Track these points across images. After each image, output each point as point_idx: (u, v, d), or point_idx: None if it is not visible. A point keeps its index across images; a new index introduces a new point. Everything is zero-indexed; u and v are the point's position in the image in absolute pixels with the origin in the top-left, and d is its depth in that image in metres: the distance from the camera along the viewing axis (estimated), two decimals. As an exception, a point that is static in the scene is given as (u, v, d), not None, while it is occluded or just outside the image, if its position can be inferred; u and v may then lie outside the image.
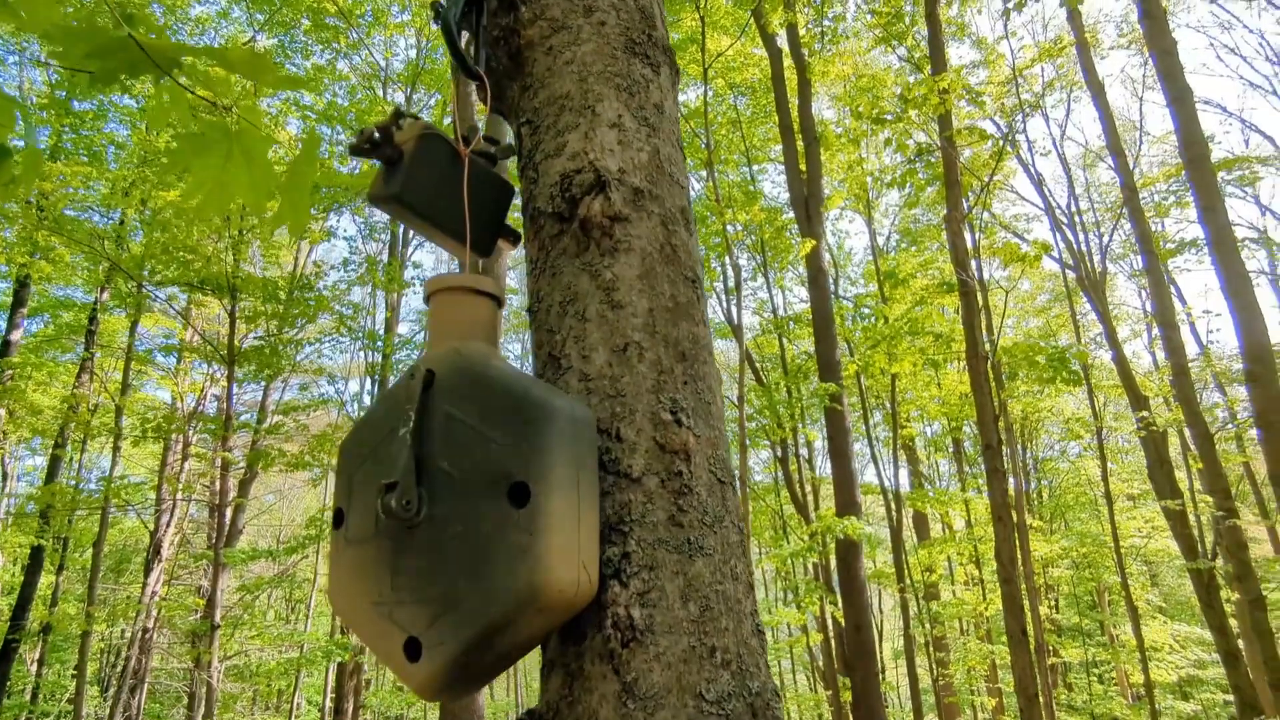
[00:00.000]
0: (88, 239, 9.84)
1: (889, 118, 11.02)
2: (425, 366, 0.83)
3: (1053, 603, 16.46)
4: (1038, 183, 13.85)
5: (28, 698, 11.47)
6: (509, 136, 0.99)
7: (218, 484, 10.90)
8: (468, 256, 0.90)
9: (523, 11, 0.91)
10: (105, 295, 11.18)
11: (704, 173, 15.94)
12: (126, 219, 10.80)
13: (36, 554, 10.21)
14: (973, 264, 9.66)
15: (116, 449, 10.61)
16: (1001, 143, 11.61)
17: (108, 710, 12.24)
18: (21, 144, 1.65)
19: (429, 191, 0.89)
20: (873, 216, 18.23)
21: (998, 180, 14.28)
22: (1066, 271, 13.94)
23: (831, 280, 19.09)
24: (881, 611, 21.10)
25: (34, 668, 11.70)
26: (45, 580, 11.00)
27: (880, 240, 19.68)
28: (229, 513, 10.81)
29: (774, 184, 25.24)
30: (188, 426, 12.21)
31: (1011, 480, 11.27)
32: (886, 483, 14.66)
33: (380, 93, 12.87)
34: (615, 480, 0.77)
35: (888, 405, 16.37)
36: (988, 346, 9.27)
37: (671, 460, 0.76)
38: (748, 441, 15.89)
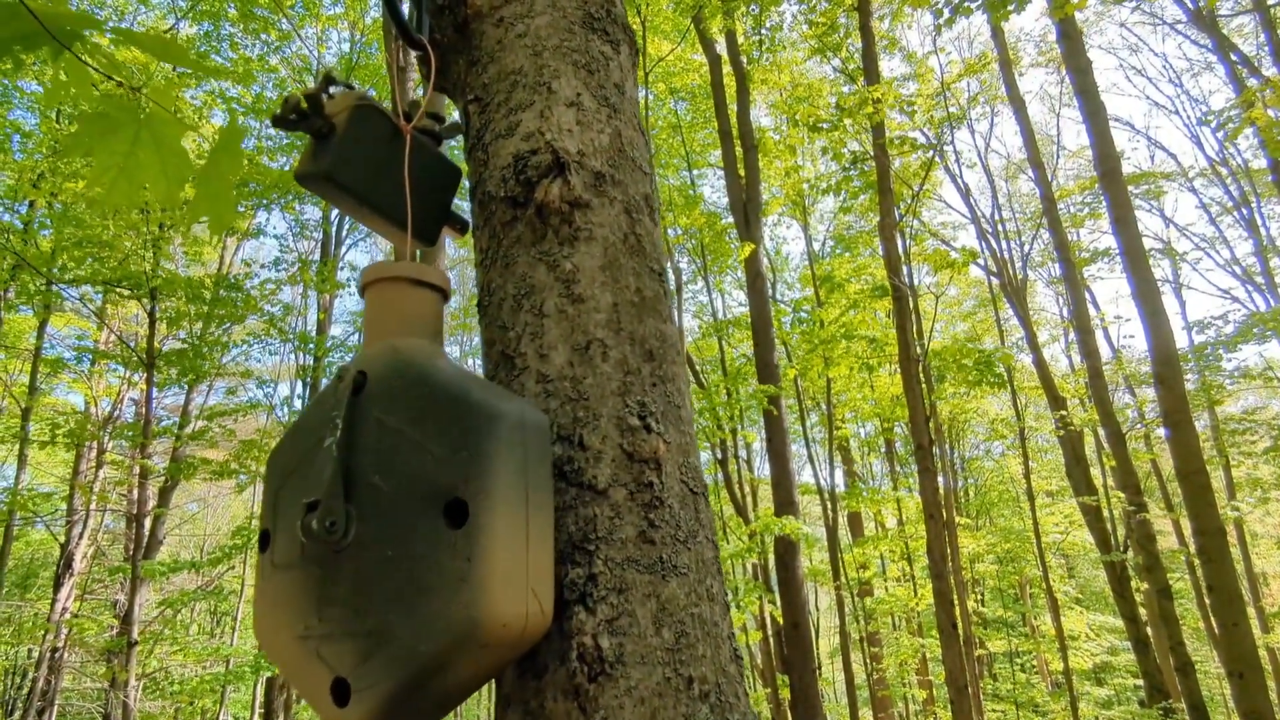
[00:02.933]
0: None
1: (825, 126, 11.26)
2: (357, 368, 0.73)
3: (979, 596, 17.05)
4: (964, 193, 14.35)
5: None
6: (454, 117, 0.90)
7: (136, 493, 10.32)
8: (409, 244, 0.80)
9: None
10: (10, 293, 10.46)
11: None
12: (33, 212, 10.14)
13: (-74, 572, 9.45)
14: (904, 270, 9.93)
15: (22, 455, 9.93)
16: (931, 153, 11.98)
17: (9, 737, 11.44)
18: None
19: (364, 170, 0.79)
20: (809, 223, 18.57)
21: (927, 189, 14.74)
22: (991, 278, 14.47)
23: (770, 285, 19.40)
24: (818, 609, 21.49)
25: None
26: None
27: (816, 245, 20.06)
28: (148, 523, 10.24)
29: (713, 189, 25.44)
30: (103, 432, 11.53)
31: (941, 479, 11.62)
32: (823, 483, 14.90)
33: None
34: (579, 493, 0.69)
35: (824, 407, 16.68)
36: (919, 350, 9.53)
37: (641, 470, 0.69)
38: (687, 444, 15.91)
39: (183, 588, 13.45)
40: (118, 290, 9.75)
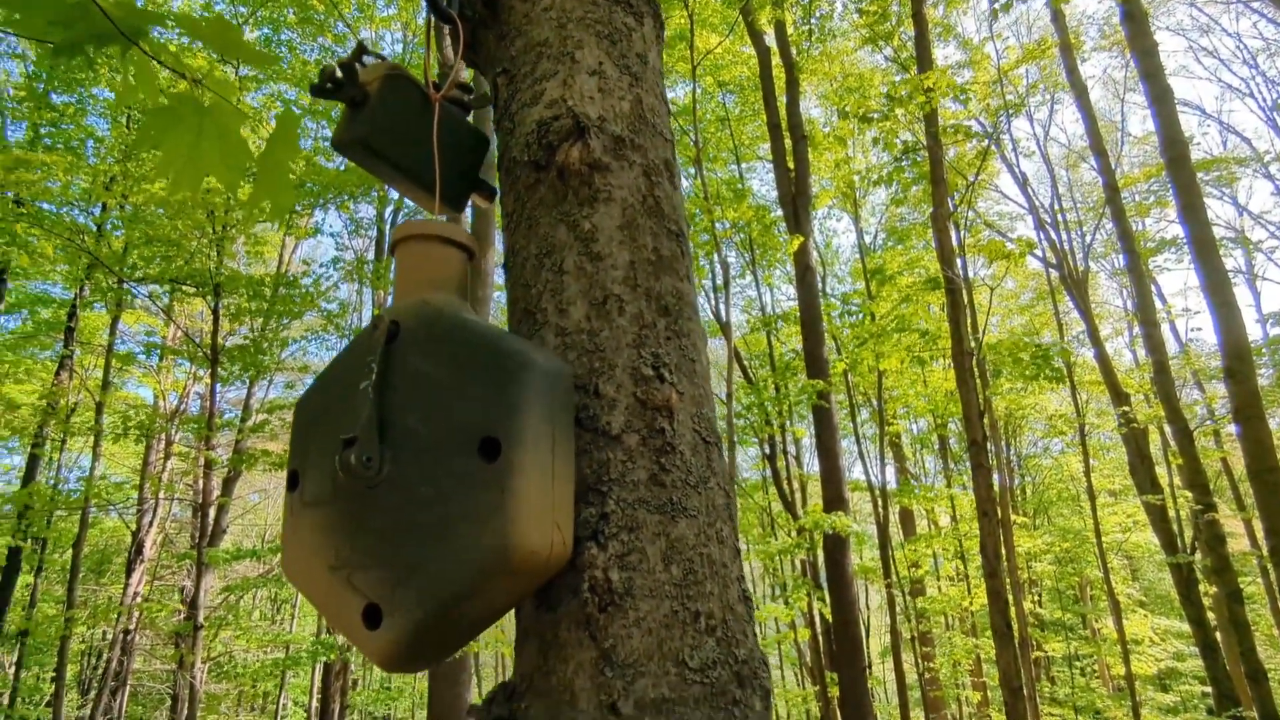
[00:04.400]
0: (67, 233, 9.68)
1: (876, 116, 11.07)
2: (390, 318, 0.77)
3: (1036, 597, 16.58)
4: (1022, 183, 13.94)
5: (5, 701, 11.28)
6: (484, 89, 0.94)
7: (201, 483, 10.75)
8: (437, 207, 0.85)
9: None
10: (85, 291, 10.99)
11: (693, 170, 15.95)
12: (106, 214, 10.64)
13: (14, 555, 10.01)
14: (958, 262, 9.71)
15: (97, 447, 10.44)
16: (987, 142, 11.69)
17: (88, 713, 12.05)
18: None
19: (397, 136, 0.83)
20: (860, 214, 18.30)
21: (983, 179, 14.37)
22: (1050, 270, 14.04)
23: (819, 278, 19.18)
24: (868, 607, 21.18)
25: (12, 670, 11.49)
26: (22, 581, 10.80)
27: (867, 238, 19.76)
28: (212, 512, 10.66)
29: (762, 182, 25.25)
30: (170, 425, 12.05)
31: (996, 476, 11.33)
32: (873, 479, 14.69)
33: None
34: (594, 438, 0.72)
35: (874, 402, 16.44)
36: (973, 343, 9.32)
37: (653, 417, 0.71)
38: (736, 439, 15.91)
39: (245, 575, 13.99)
40: (184, 288, 10.17)
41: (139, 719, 15.22)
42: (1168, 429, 11.28)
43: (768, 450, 15.54)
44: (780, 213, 12.89)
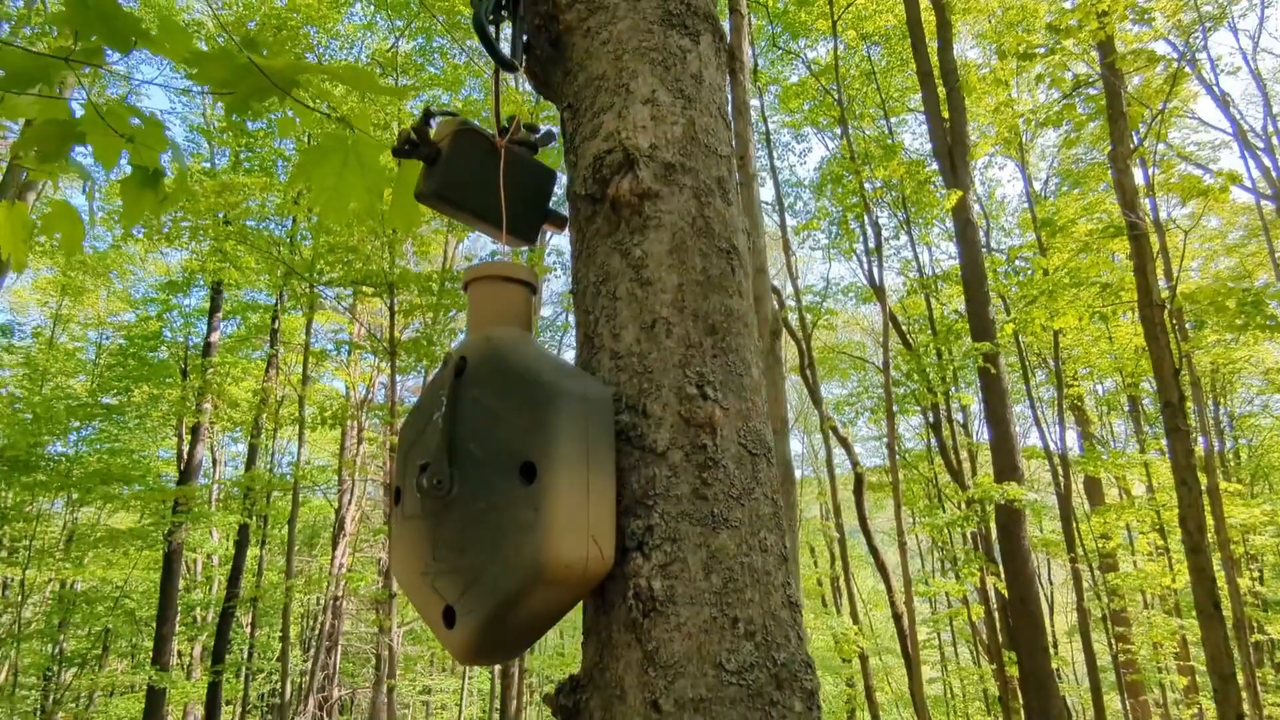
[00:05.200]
0: (266, 246, 10.94)
1: (1041, 50, 10.09)
2: (459, 354, 0.87)
3: (1256, 574, 14.70)
4: (1224, 104, 12.21)
5: (244, 655, 13.13)
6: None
7: (389, 465, 11.88)
8: (504, 239, 0.93)
9: None
10: (284, 297, 12.40)
11: (838, 130, 15.33)
12: (296, 227, 11.89)
13: (243, 531, 11.60)
14: (1146, 203, 8.73)
15: (301, 435, 11.80)
16: (1178, 64, 10.34)
17: (309, 667, 13.75)
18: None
19: (466, 185, 0.92)
20: (1027, 160, 16.82)
21: (1174, 107, 12.71)
22: (1263, 202, 12.25)
23: (983, 232, 17.86)
24: (1050, 583, 19.72)
25: (248, 630, 13.38)
26: (252, 553, 12.49)
27: (1037, 185, 18.13)
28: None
29: (914, 135, 23.83)
30: (360, 413, 13.36)
31: (1201, 440, 10.13)
32: (1052, 446, 13.64)
33: (515, 84, 13.32)
34: (642, 455, 0.78)
35: (1051, 363, 15.21)
36: (1163, 294, 8.36)
37: (697, 434, 0.76)
38: (896, 408, 15.28)
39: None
40: (363, 288, 11.18)
41: (350, 674, 17.18)
42: None
43: (931, 419, 14.82)
44: (935, 166, 12.14)
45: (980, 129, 14.56)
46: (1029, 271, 13.56)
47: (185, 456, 12.09)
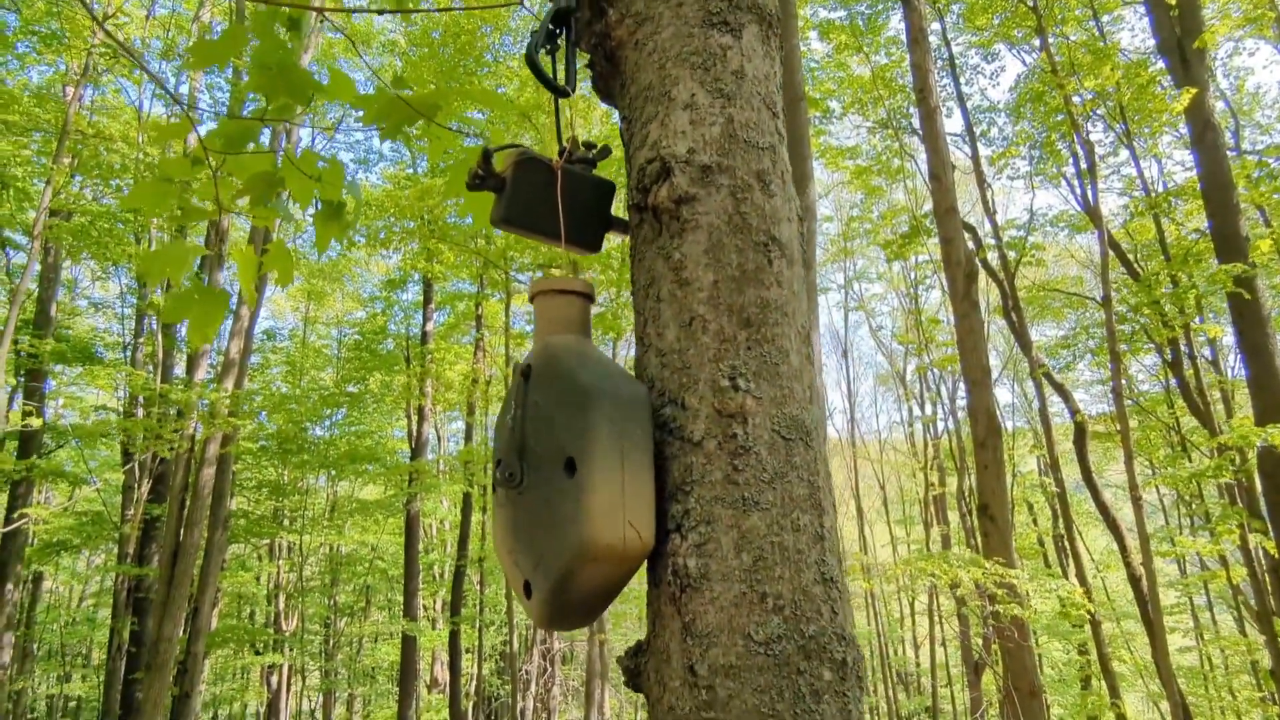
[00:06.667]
0: (464, 240, 11.94)
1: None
2: (526, 362, 0.98)
3: None
4: None
5: (477, 609, 14.70)
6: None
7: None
8: (564, 246, 1.04)
9: (610, 14, 0.97)
10: (485, 285, 13.50)
11: (1035, 42, 13.77)
12: (489, 219, 12.85)
13: (466, 499, 12.94)
14: None
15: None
16: None
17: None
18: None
19: (531, 209, 1.03)
20: (1287, 39, 14.15)
21: None
22: None
23: (1230, 133, 15.37)
24: (1342, 540, 16.81)
25: (479, 587, 14.96)
26: (476, 518, 13.92)
27: (1303, 68, 15.25)
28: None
29: (1134, 33, 20.90)
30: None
31: None
32: (1336, 380, 11.50)
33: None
34: (680, 445, 0.84)
35: (1330, 281, 12.92)
36: None
37: (728, 424, 0.81)
38: (1125, 347, 13.71)
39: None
40: (551, 270, 11.88)
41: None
42: None
43: (1169, 356, 13.13)
44: (1163, 64, 10.59)
45: (1221, 9, 12.49)
46: (1291, 174, 11.50)
47: (415, 435, 13.66)
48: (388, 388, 14.52)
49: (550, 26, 1.01)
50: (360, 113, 1.78)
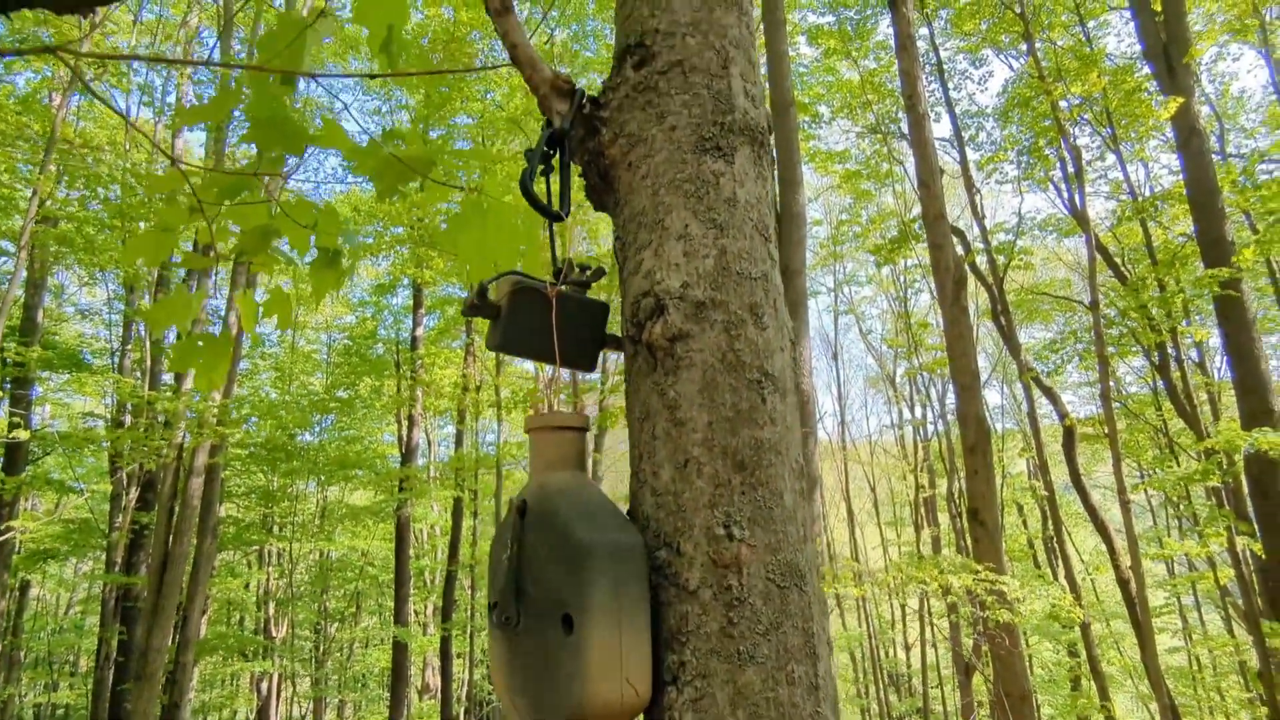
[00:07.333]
0: (450, 245, 11.90)
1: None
2: (521, 499, 0.98)
3: None
4: None
5: (468, 615, 14.69)
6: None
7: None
8: (557, 366, 1.03)
9: (604, 133, 0.97)
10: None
11: (1023, 47, 13.84)
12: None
13: (457, 505, 12.92)
14: None
15: (499, 417, 12.86)
16: None
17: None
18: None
19: (526, 334, 1.03)
20: (1273, 43, 14.28)
21: None
22: None
23: (1215, 137, 15.49)
24: (1327, 540, 17.01)
25: (470, 592, 14.95)
26: (466, 524, 13.90)
27: (1286, 72, 15.36)
28: (590, 464, 12.52)
29: (1119, 38, 21.03)
30: (548, 392, 14.28)
31: None
32: (1320, 381, 11.63)
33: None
34: (677, 592, 0.84)
35: (1315, 283, 13.05)
36: None
37: (723, 574, 0.81)
38: (1113, 349, 13.81)
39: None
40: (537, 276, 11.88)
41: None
42: None
43: (1157, 359, 13.26)
44: (1148, 69, 10.69)
45: (1207, 15, 12.59)
46: (1277, 174, 11.59)
47: (405, 440, 13.61)
48: (378, 393, 14.47)
49: (545, 149, 1.01)
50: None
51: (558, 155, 1.02)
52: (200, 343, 2.12)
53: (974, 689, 12.12)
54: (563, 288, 1.04)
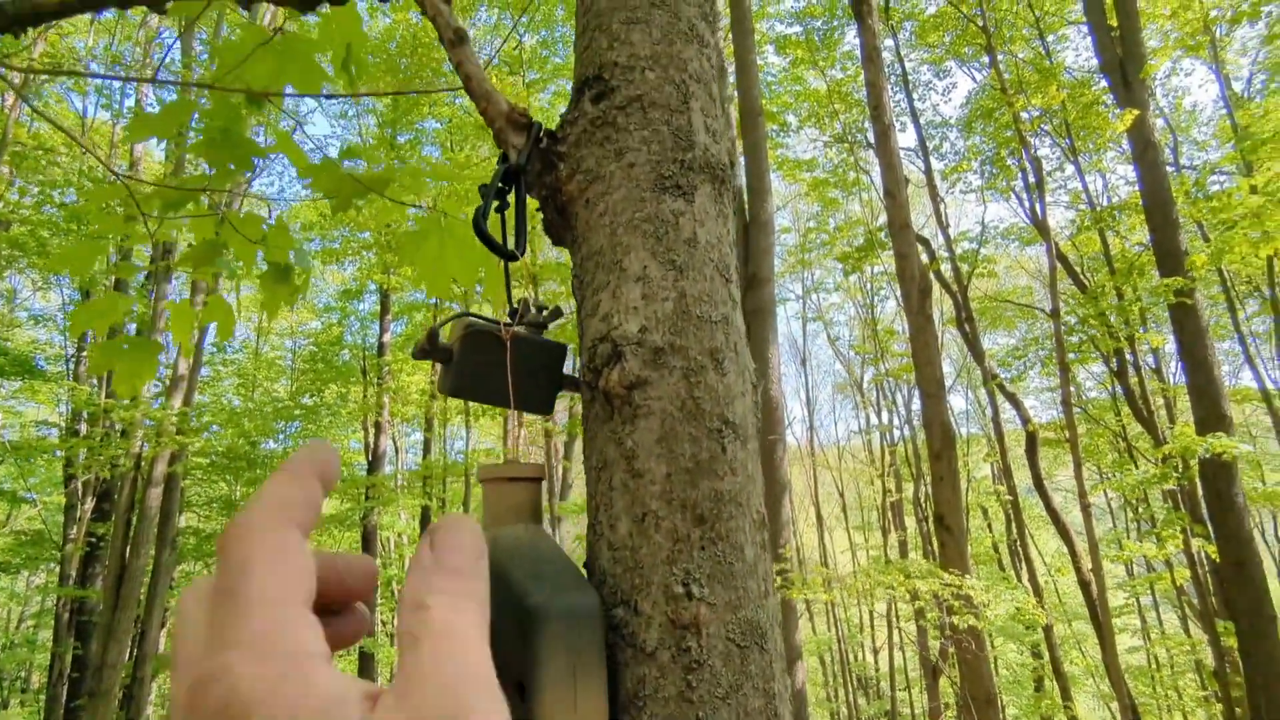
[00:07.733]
0: (410, 259, 11.78)
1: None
2: None
3: None
4: None
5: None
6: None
7: (547, 445, 12.57)
8: (512, 408, 1.00)
9: (561, 169, 0.95)
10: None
11: (985, 59, 14.11)
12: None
13: (425, 512, 12.77)
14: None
15: (469, 424, 12.74)
16: None
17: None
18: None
19: (480, 379, 0.99)
20: (1222, 59, 14.74)
21: None
22: None
23: (1169, 150, 15.92)
24: (1278, 541, 17.55)
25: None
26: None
27: (1238, 86, 15.86)
28: (559, 471, 12.43)
29: (1077, 52, 21.51)
30: (514, 424, 14.19)
31: None
32: (1270, 385, 12.05)
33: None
34: (634, 653, 0.81)
35: (1266, 291, 13.45)
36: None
37: (682, 635, 0.78)
38: (1074, 355, 14.09)
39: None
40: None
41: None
42: None
43: (1115, 366, 13.57)
44: (1105, 83, 10.96)
45: (1161, 31, 12.93)
46: (1227, 185, 11.93)
47: (372, 448, 13.42)
48: (344, 399, 14.25)
49: (500, 184, 0.98)
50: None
51: (513, 191, 0.99)
52: (125, 345, 2.04)
53: (941, 691, 12.27)
54: (518, 329, 1.00)
